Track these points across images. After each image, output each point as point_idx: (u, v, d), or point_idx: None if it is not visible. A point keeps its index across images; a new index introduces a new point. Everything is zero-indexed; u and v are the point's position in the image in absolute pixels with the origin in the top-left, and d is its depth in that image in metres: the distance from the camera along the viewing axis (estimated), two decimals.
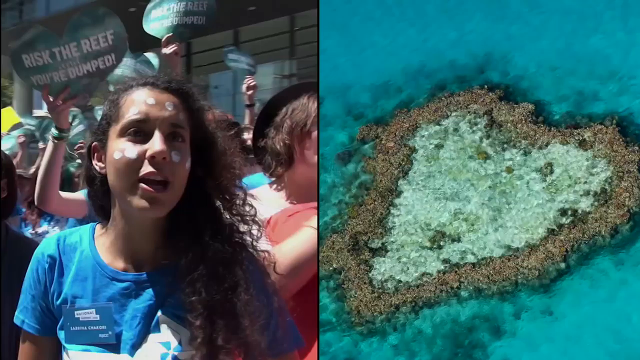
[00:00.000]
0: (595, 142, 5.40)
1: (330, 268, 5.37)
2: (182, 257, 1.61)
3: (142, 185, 1.54)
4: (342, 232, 5.48)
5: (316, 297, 2.37)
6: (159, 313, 1.62)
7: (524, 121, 5.58)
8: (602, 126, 5.46)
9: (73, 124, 5.69)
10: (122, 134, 1.59)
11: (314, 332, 2.20)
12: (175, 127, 1.60)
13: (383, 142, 5.73)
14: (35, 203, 3.14)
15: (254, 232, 1.73)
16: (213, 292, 1.59)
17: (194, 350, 1.58)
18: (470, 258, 5.27)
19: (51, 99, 2.81)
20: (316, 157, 2.39)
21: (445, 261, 5.30)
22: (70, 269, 1.68)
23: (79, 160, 5.97)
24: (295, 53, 15.40)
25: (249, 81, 5.14)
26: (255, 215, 1.75)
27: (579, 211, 5.25)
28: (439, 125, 5.73)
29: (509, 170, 5.46)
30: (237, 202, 1.71)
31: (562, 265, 5.15)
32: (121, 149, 1.57)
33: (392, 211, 5.50)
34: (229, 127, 1.82)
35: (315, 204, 2.39)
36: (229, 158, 1.70)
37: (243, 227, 1.71)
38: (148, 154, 1.55)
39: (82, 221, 3.69)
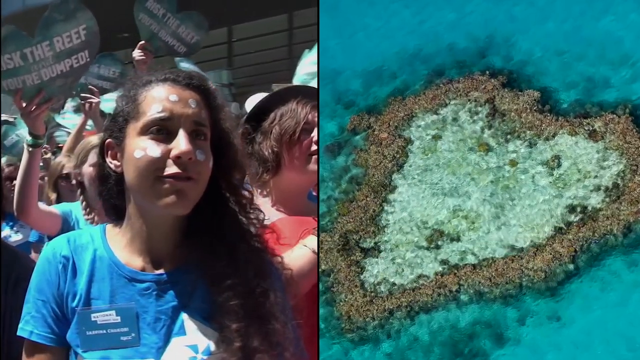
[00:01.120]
0: (607, 133, 5.28)
1: (319, 270, 5.16)
2: (212, 258, 1.64)
3: (168, 179, 1.56)
4: (331, 231, 5.37)
5: (315, 310, 2.42)
6: (184, 315, 1.62)
7: (528, 110, 5.46)
8: (614, 115, 5.33)
9: None
10: (144, 131, 1.59)
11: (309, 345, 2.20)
12: (198, 125, 1.61)
13: (376, 132, 5.63)
14: (15, 213, 3.15)
15: (265, 236, 1.79)
16: (248, 295, 1.63)
17: (225, 354, 1.59)
18: (471, 259, 5.18)
19: (24, 105, 2.77)
20: (307, 165, 2.40)
21: (443, 262, 5.21)
22: (83, 270, 1.67)
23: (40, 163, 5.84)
24: (232, 63, 16.77)
25: None
26: (263, 220, 1.79)
27: (589, 208, 5.16)
28: (437, 114, 5.62)
29: (513, 163, 5.37)
30: (247, 203, 1.75)
31: (571, 266, 5.07)
32: (143, 147, 1.57)
33: (385, 208, 5.41)
34: None
35: (310, 218, 2.43)
36: (241, 159, 1.75)
37: (254, 231, 1.77)
38: (174, 153, 1.56)
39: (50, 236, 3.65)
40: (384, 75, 5.79)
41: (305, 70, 4.09)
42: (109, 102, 6.30)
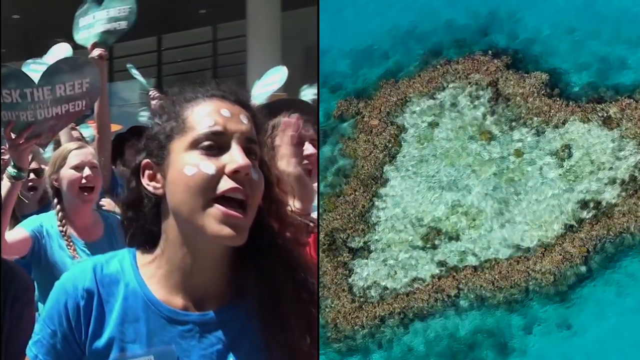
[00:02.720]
0: (623, 120, 5.25)
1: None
2: (270, 290, 1.62)
3: (221, 207, 1.51)
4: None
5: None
6: None
7: (536, 94, 5.43)
8: (631, 100, 5.31)
9: None
10: (194, 146, 1.57)
11: None
12: (250, 143, 1.62)
13: (365, 119, 5.61)
14: None
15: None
16: (306, 329, 1.63)
17: None
18: (471, 260, 5.18)
19: (13, 136, 2.95)
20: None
21: (440, 264, 5.21)
22: (113, 306, 1.62)
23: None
24: (162, 71, 19.34)
25: (154, 93, 5.72)
26: (307, 244, 1.85)
27: (603, 203, 5.15)
28: (433, 99, 5.59)
29: (518, 153, 5.34)
30: (292, 228, 1.76)
31: (583, 268, 5.08)
32: (194, 163, 1.54)
33: (376, 203, 5.40)
34: None
35: None
36: (277, 179, 1.77)
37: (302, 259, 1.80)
38: (231, 168, 1.52)
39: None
40: (374, 56, 5.76)
41: (260, 91, 4.61)
42: None
